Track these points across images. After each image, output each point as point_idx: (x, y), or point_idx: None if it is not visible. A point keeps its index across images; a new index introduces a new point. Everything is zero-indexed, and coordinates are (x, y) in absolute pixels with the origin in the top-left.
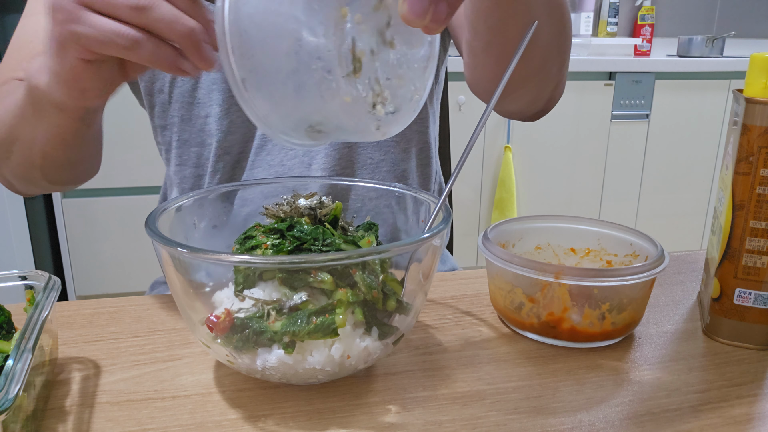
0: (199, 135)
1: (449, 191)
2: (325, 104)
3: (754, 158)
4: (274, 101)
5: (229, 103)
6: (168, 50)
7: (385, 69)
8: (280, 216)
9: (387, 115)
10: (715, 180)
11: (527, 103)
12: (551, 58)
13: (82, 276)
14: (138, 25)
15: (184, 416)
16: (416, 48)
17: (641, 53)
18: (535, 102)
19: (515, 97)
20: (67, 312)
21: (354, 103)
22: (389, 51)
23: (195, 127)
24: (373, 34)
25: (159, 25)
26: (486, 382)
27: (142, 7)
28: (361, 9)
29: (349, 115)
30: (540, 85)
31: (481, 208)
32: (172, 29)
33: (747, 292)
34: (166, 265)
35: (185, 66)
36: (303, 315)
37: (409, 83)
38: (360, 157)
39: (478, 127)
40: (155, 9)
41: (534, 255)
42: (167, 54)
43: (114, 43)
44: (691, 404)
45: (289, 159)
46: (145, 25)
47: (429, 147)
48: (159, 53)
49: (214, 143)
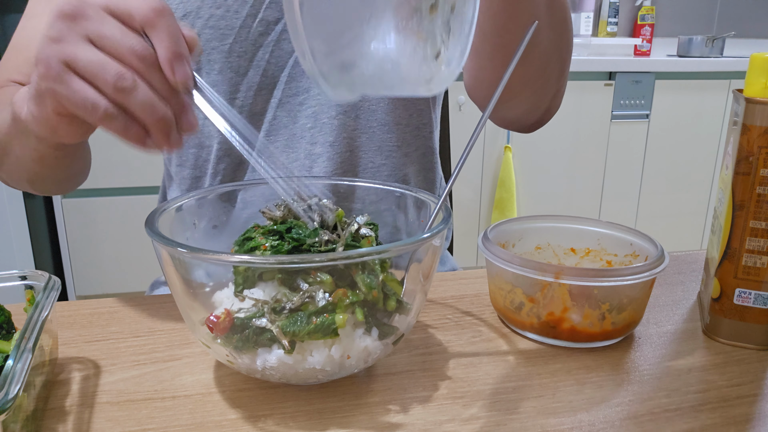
0: (196, 136)
1: (449, 191)
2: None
3: (754, 158)
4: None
5: (229, 105)
6: (137, 129)
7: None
8: (275, 218)
9: (442, 68)
10: (715, 180)
11: (525, 111)
12: (551, 62)
13: (82, 276)
14: (115, 101)
15: (184, 416)
16: (467, 7)
17: (641, 53)
18: (534, 110)
19: (514, 103)
20: (67, 312)
21: (425, 43)
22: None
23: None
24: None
25: (135, 108)
26: (486, 382)
27: (122, 88)
28: None
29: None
30: (539, 92)
31: (481, 208)
32: (146, 113)
33: (747, 292)
34: (166, 265)
35: (150, 144)
36: (303, 315)
37: (459, 42)
38: (361, 161)
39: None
40: (135, 93)
41: (534, 255)
42: (136, 132)
43: (88, 111)
44: (691, 404)
45: (291, 162)
46: (122, 104)
47: (432, 152)
48: (128, 129)
49: (215, 145)
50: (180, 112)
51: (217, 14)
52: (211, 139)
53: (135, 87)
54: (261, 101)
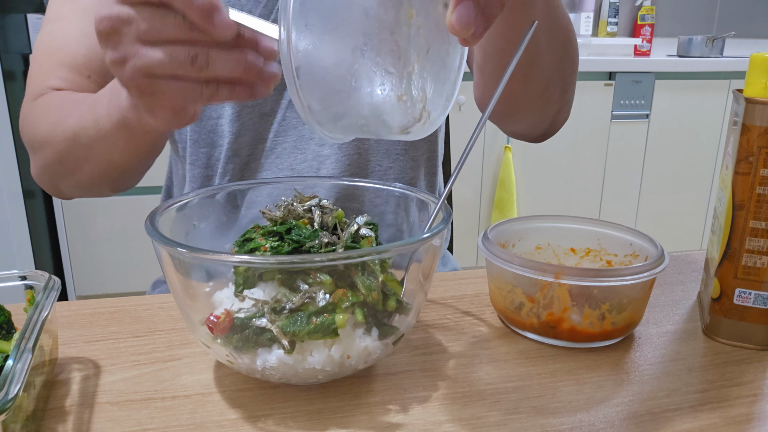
0: (209, 136)
1: (449, 191)
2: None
3: (754, 158)
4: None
5: (241, 105)
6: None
7: (430, 73)
8: (275, 218)
9: (425, 117)
10: (715, 180)
11: (529, 125)
12: (553, 83)
13: (82, 276)
14: (207, 79)
15: (184, 416)
16: (451, 58)
17: (641, 53)
18: (538, 125)
19: (518, 118)
20: (67, 312)
21: (405, 101)
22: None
23: (206, 128)
24: (426, 37)
25: (224, 73)
26: (486, 382)
27: (200, 66)
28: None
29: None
30: (542, 109)
31: (481, 208)
32: (234, 70)
33: (747, 292)
34: (166, 265)
35: (260, 92)
36: (303, 315)
37: (443, 91)
38: (370, 164)
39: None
40: (213, 63)
41: (534, 255)
42: (240, 91)
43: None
44: (691, 404)
45: (299, 163)
46: (213, 78)
47: (436, 156)
48: (234, 93)
49: (225, 144)
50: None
51: None
52: (223, 138)
53: (208, 58)
54: (271, 102)
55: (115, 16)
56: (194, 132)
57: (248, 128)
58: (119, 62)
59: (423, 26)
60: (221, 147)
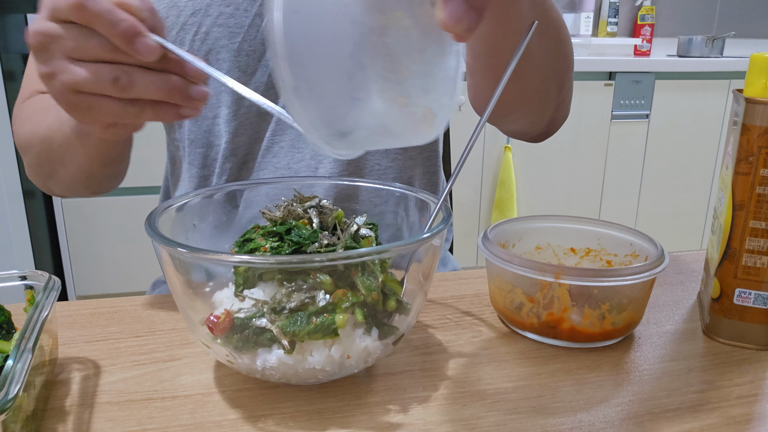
0: (205, 136)
1: (449, 191)
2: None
3: (754, 158)
4: (326, 106)
5: (237, 105)
6: (165, 107)
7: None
8: (275, 219)
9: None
10: (715, 180)
11: (527, 124)
12: (547, 80)
13: (82, 276)
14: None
15: (184, 416)
16: (447, 56)
17: (641, 53)
18: (536, 123)
19: (515, 117)
20: (67, 312)
21: (406, 106)
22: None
23: (202, 128)
24: (418, 38)
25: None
26: (486, 382)
27: (124, 87)
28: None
29: (400, 118)
30: (538, 107)
31: (481, 208)
32: (158, 92)
33: (747, 292)
34: (166, 265)
35: (186, 112)
36: (303, 315)
37: (443, 94)
38: (368, 164)
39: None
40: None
41: (534, 255)
42: (165, 111)
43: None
44: (691, 404)
45: (296, 162)
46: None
47: (436, 155)
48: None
49: (222, 144)
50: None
51: (226, 12)
52: (219, 138)
53: (131, 79)
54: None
55: (44, 32)
56: (191, 132)
57: (245, 128)
58: (48, 76)
59: (413, 27)
60: (218, 147)
